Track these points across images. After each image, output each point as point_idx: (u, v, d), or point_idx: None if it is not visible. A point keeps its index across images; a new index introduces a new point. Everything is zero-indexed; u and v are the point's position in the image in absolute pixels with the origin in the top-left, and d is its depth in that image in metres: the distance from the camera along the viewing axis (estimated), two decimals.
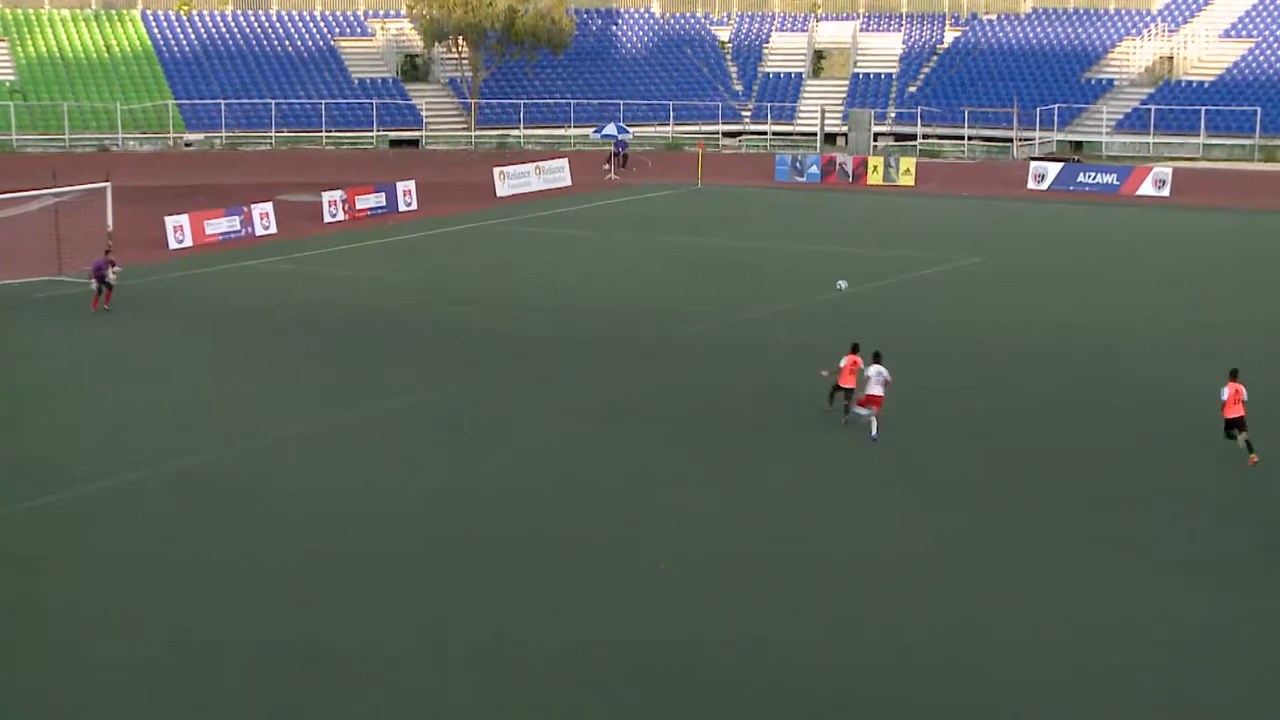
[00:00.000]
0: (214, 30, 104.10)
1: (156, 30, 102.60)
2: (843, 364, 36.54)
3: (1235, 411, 33.44)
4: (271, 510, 31.23)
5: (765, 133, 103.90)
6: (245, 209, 66.99)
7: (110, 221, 54.98)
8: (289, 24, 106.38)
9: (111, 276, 49.48)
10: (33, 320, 48.99)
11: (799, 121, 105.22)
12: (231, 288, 55.07)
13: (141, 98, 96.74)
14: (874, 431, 35.40)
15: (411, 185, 75.65)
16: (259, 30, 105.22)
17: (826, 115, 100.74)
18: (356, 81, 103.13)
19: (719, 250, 63.36)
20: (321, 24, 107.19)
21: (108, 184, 55.40)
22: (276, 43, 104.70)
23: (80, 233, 55.68)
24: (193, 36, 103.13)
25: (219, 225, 65.61)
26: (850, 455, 34.89)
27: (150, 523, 30.47)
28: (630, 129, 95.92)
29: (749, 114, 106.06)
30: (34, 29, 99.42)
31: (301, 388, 40.94)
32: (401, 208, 74.22)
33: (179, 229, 63.64)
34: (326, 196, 71.75)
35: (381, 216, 72.14)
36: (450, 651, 24.61)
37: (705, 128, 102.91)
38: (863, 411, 35.85)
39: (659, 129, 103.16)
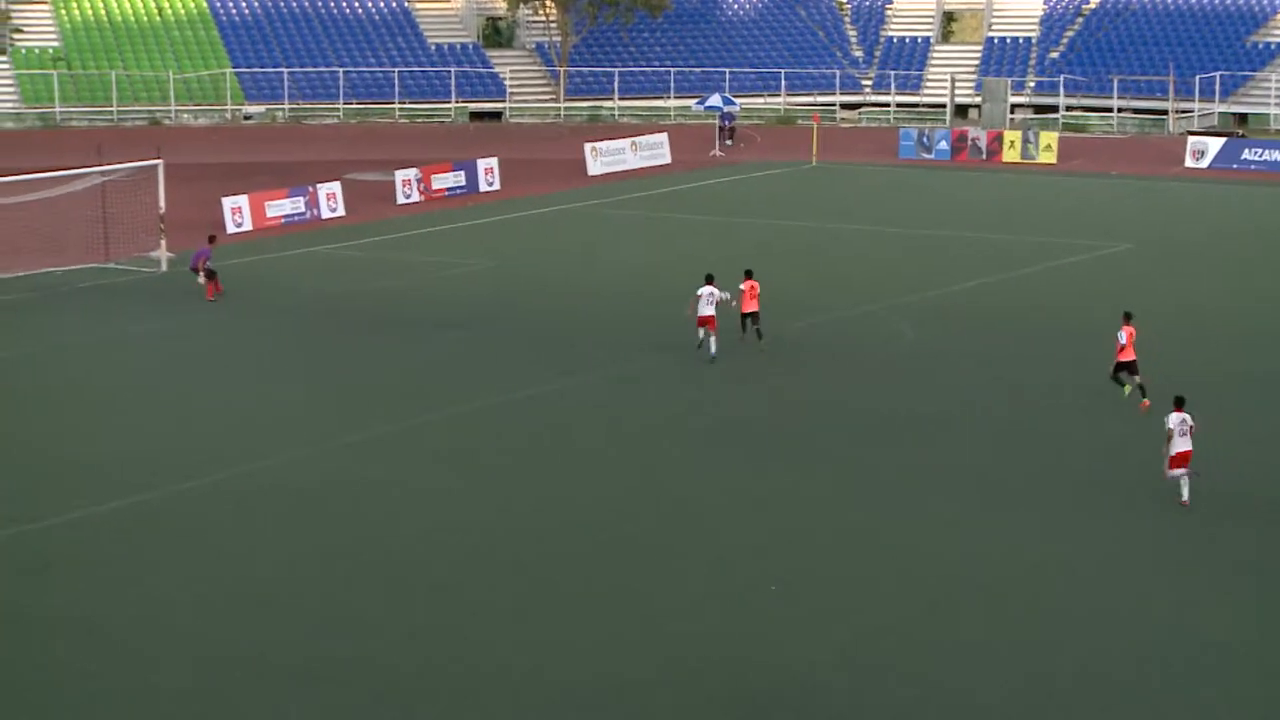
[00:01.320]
0: None
1: None
2: (742, 289, 43.10)
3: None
4: (333, 522, 31.43)
5: (888, 104, 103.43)
6: (310, 189, 67.45)
7: (162, 203, 55.47)
8: None
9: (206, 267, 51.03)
10: (77, 312, 49.55)
11: (926, 92, 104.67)
12: (295, 276, 55.47)
13: (196, 66, 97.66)
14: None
15: (494, 163, 75.87)
16: None
17: (957, 85, 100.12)
18: (433, 47, 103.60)
19: (835, 236, 63.13)
20: None
21: (159, 161, 55.85)
22: (345, 4, 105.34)
23: (129, 215, 56.24)
24: None
25: (282, 207, 66.11)
26: (971, 468, 34.68)
27: (203, 533, 30.74)
28: (737, 100, 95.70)
29: (870, 83, 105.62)
30: None
31: (370, 387, 41.17)
32: (482, 187, 74.47)
33: (237, 211, 64.19)
34: (400, 175, 72.10)
35: (460, 197, 72.38)
36: (524, 677, 24.62)
37: (821, 99, 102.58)
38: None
39: (769, 100, 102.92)
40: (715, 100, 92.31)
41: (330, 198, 67.89)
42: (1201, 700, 24.19)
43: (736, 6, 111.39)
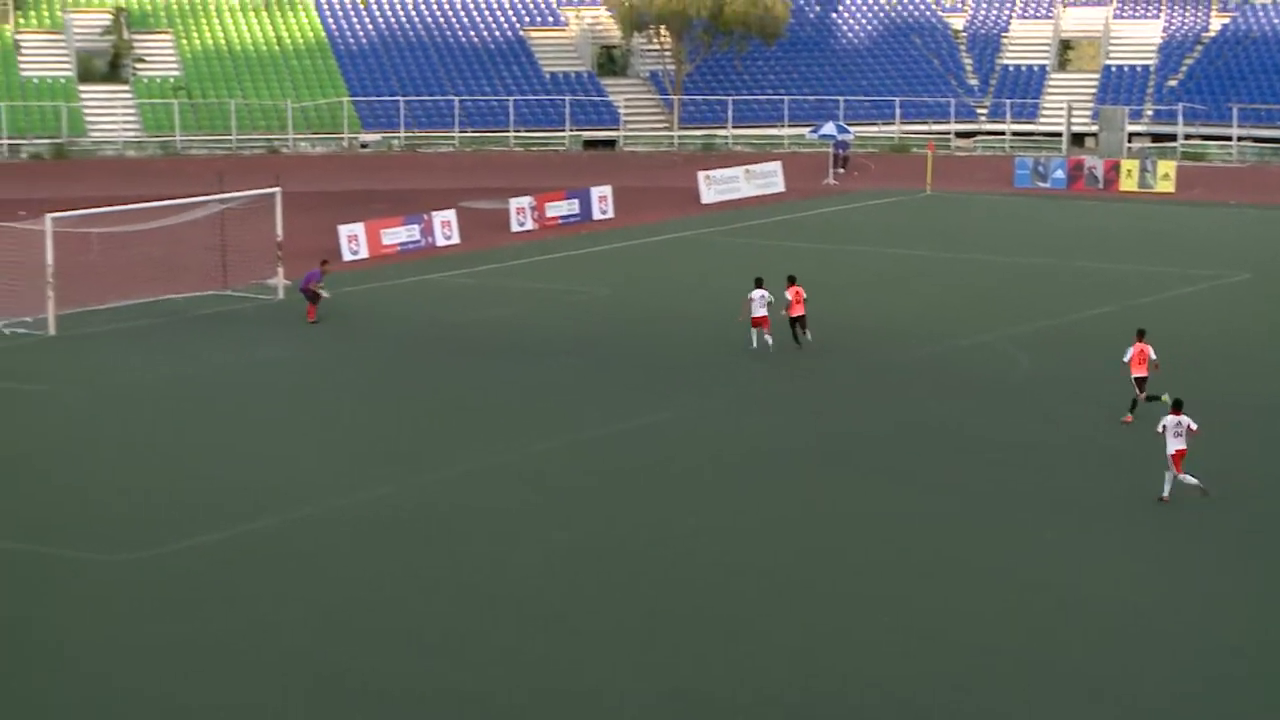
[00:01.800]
0: (393, 20, 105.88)
1: (331, 21, 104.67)
2: (788, 295, 46.92)
3: (1140, 371, 40.12)
4: (448, 551, 31.67)
5: (1003, 132, 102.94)
6: (425, 217, 68.01)
7: (280, 231, 56.13)
8: (474, 13, 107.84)
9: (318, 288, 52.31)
10: (195, 339, 50.16)
11: (1042, 120, 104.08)
12: (410, 303, 55.95)
13: (314, 94, 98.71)
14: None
15: (607, 191, 76.21)
16: (442, 20, 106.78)
17: (1074, 113, 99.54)
18: (548, 76, 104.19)
19: (949, 264, 62.92)
20: (510, 12, 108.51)
21: (277, 189, 56.55)
22: (461, 33, 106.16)
23: (247, 242, 56.93)
24: (370, 27, 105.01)
25: (397, 235, 66.69)
26: (1121, 499, 34.49)
27: (316, 562, 31.06)
28: (851, 128, 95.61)
29: (985, 111, 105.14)
30: (200, 20, 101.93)
31: (485, 415, 41.48)
32: (596, 215, 74.83)
33: (353, 239, 64.82)
34: (514, 203, 72.55)
35: (574, 225, 72.75)
36: (644, 709, 24.71)
37: (935, 127, 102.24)
38: None
39: (883, 128, 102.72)
40: (829, 128, 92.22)
41: (445, 226, 68.40)
42: None
43: (851, 34, 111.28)
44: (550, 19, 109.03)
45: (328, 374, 46.14)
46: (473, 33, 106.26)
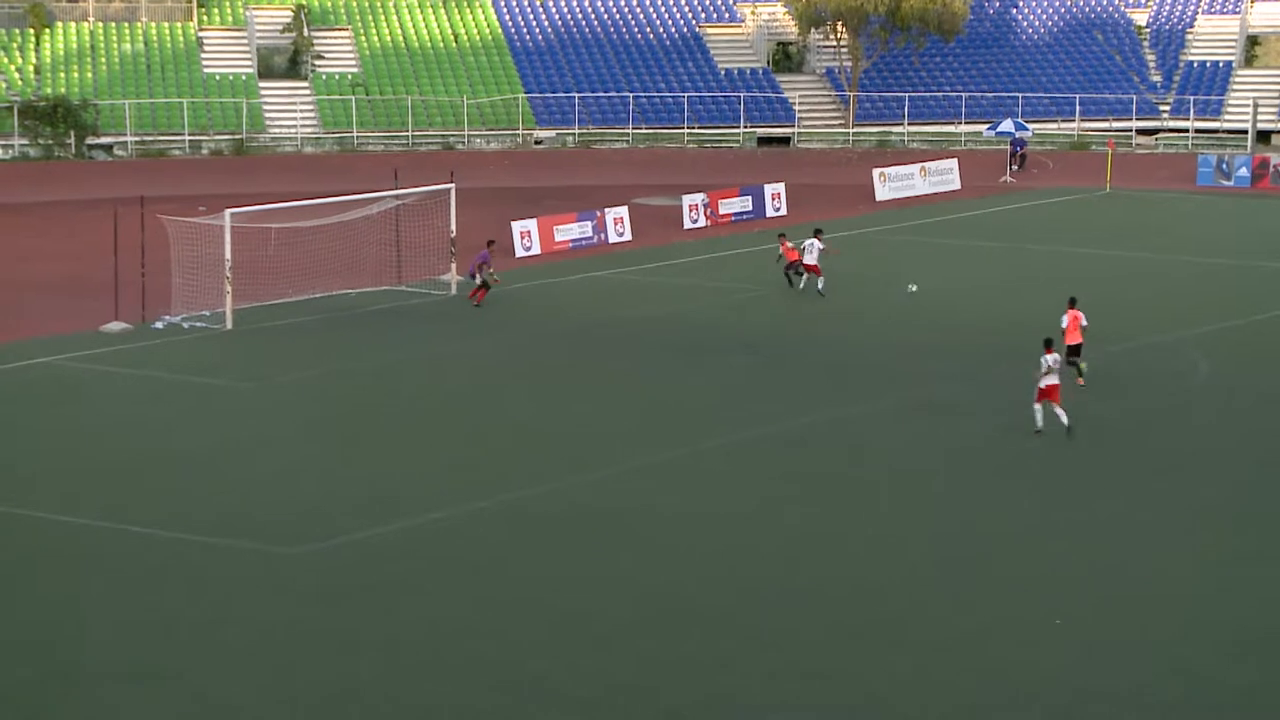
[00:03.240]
0: (569, 17, 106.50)
1: (508, 17, 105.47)
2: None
3: (1074, 339, 42.47)
4: (611, 548, 31.83)
5: (1186, 130, 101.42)
6: (598, 213, 68.29)
7: (454, 226, 56.65)
8: (650, 9, 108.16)
9: (485, 275, 53.50)
10: (369, 334, 50.72)
11: (1227, 117, 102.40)
12: (583, 300, 56.23)
13: (490, 91, 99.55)
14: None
15: (780, 188, 76.10)
16: (618, 16, 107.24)
17: (1260, 110, 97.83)
18: (723, 72, 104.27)
19: (1129, 264, 62.13)
20: (686, 9, 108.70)
21: (451, 185, 57.05)
22: (637, 30, 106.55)
23: (421, 238, 57.51)
24: (546, 24, 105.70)
25: (570, 231, 67.04)
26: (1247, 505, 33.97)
27: (482, 559, 31.33)
28: (1029, 125, 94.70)
29: (1168, 108, 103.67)
30: (379, 17, 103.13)
31: (653, 411, 41.61)
32: (769, 213, 74.74)
33: (526, 235, 65.24)
34: (687, 200, 72.66)
35: (747, 223, 72.71)
36: (795, 710, 24.70)
37: (1116, 124, 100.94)
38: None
39: (1062, 126, 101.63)
40: (1007, 125, 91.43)
41: (618, 222, 68.65)
42: None
43: (1031, 30, 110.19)
44: (726, 15, 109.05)
45: (500, 370, 46.47)
46: (648, 29, 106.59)
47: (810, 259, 55.45)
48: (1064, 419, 38.30)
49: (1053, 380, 38.47)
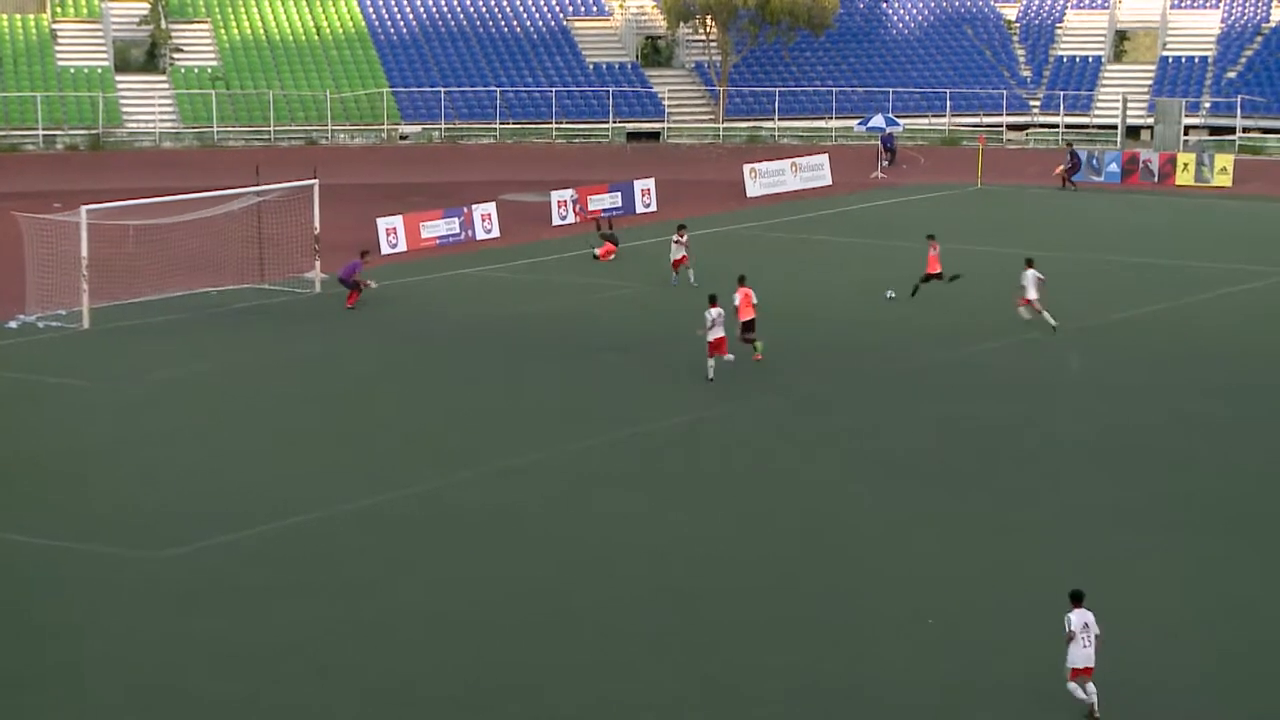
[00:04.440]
0: (434, 9, 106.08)
1: (372, 10, 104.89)
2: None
3: (746, 314, 44.66)
4: (482, 549, 31.83)
5: (1057, 125, 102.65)
6: (465, 210, 68.14)
7: (317, 223, 56.33)
8: (517, 2, 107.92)
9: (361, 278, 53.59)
10: (230, 333, 50.35)
11: (1096, 112, 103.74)
12: (449, 298, 56.09)
13: (354, 85, 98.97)
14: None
15: (650, 184, 76.24)
16: (484, 9, 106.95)
17: (1129, 105, 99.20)
18: (591, 67, 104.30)
19: (1001, 261, 62.71)
20: (554, 2, 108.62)
21: (315, 181, 56.72)
22: (504, 23, 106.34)
23: (284, 235, 57.14)
24: (411, 17, 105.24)
25: (436, 228, 66.84)
26: (1141, 493, 34.44)
27: (349, 562, 31.23)
28: (900, 121, 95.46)
29: (1038, 104, 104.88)
30: (238, 9, 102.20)
31: (524, 412, 41.65)
32: (639, 209, 74.87)
33: (392, 232, 64.99)
34: (555, 196, 72.65)
35: (616, 219, 72.78)
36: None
37: (987, 119, 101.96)
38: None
39: (933, 121, 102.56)
40: (878, 121, 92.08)
41: (485, 219, 68.53)
42: None
43: (901, 25, 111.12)
44: (594, 9, 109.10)
45: (367, 369, 46.28)
46: (515, 22, 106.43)
47: (676, 255, 57.00)
48: (728, 359, 43.56)
49: (719, 333, 42.92)
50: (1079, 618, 24.94)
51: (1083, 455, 37.90)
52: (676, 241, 57.20)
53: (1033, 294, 49.04)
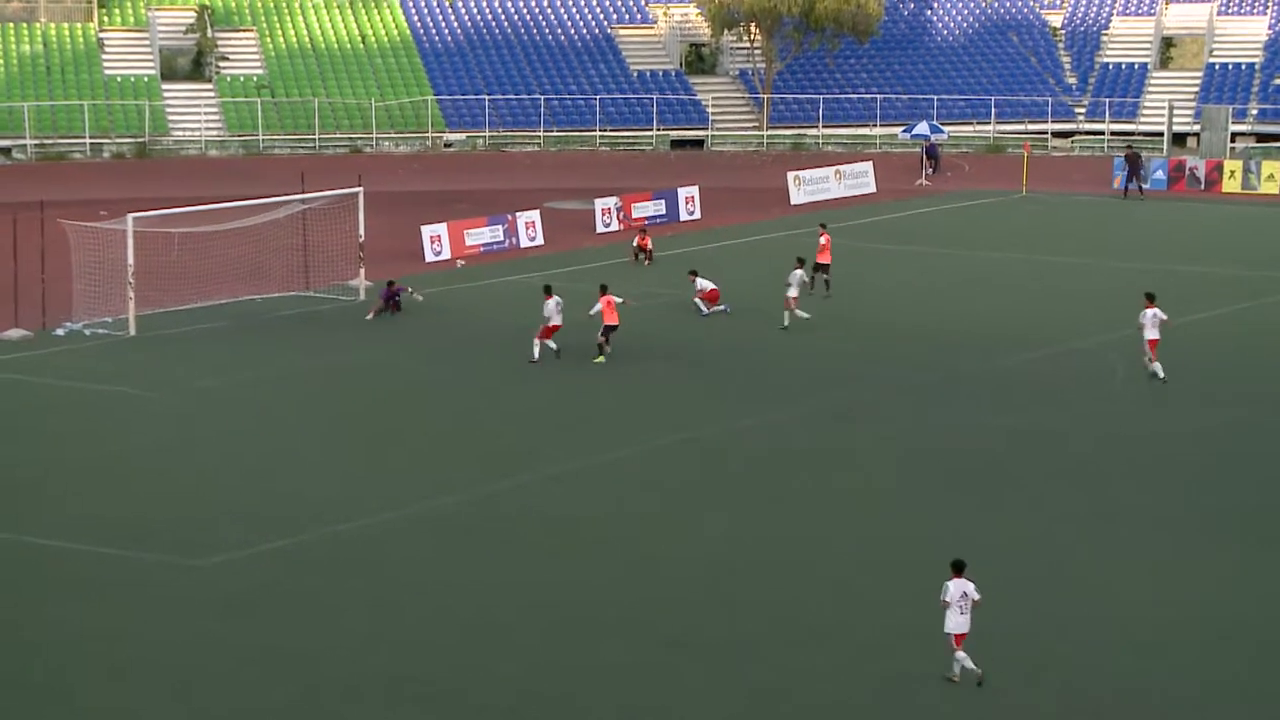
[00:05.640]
0: (479, 18, 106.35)
1: (417, 18, 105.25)
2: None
3: (611, 319, 46.26)
4: (523, 556, 31.91)
5: (1102, 133, 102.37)
6: (509, 217, 68.26)
7: (362, 231, 56.50)
8: (561, 10, 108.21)
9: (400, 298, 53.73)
10: (275, 341, 50.51)
11: (1142, 119, 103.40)
12: (494, 305, 56.17)
13: (399, 93, 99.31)
14: None
15: (694, 191, 76.27)
16: (528, 18, 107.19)
17: (1175, 112, 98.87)
18: (635, 74, 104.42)
19: (1045, 267, 62.61)
20: (598, 10, 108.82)
21: (359, 189, 56.90)
22: (548, 31, 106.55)
23: (329, 243, 57.30)
24: (455, 25, 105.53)
25: (480, 235, 66.96)
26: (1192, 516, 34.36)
27: (392, 568, 31.32)
28: (945, 128, 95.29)
29: (1083, 111, 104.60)
30: (284, 18, 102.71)
31: (567, 418, 41.71)
32: (683, 216, 74.91)
33: (436, 239, 65.15)
34: (599, 204, 72.71)
35: (660, 226, 72.81)
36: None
37: (1032, 127, 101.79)
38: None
39: (978, 128, 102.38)
40: (922, 128, 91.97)
41: (529, 226, 68.66)
42: None
43: (946, 32, 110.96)
44: (639, 16, 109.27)
45: (413, 376, 46.42)
46: (559, 30, 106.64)
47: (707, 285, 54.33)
48: (552, 346, 46.34)
49: (557, 321, 46.30)
50: (956, 587, 26.10)
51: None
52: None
53: (1152, 334, 44.84)
